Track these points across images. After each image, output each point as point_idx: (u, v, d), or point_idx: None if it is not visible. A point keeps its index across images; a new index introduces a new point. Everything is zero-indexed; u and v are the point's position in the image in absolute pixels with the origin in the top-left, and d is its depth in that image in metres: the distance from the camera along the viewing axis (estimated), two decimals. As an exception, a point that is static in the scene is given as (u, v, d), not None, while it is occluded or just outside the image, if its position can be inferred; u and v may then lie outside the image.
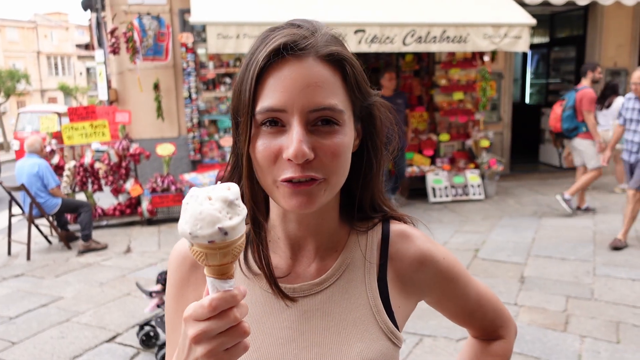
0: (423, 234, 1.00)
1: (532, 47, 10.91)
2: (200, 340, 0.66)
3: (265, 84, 0.80)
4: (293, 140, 0.77)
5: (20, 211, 6.66)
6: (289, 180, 0.79)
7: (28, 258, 6.23)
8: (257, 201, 0.89)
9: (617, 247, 5.76)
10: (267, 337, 0.89)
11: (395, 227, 0.99)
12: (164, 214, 7.51)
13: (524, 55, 12.34)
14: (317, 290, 0.91)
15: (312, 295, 0.91)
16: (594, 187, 9.08)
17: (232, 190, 0.68)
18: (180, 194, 7.44)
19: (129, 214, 7.56)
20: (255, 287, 0.92)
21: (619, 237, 5.84)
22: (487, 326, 1.11)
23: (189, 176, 7.86)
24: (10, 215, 6.58)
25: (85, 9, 11.52)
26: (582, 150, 7.12)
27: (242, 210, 0.68)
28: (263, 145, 0.81)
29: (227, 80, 8.38)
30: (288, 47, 0.79)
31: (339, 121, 0.81)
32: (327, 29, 0.86)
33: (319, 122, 0.80)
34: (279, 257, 0.94)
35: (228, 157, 0.87)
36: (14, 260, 6.31)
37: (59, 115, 12.36)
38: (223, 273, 0.68)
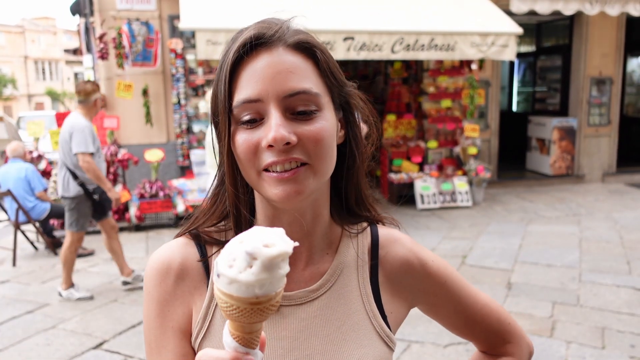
0: (409, 237, 0.99)
1: (519, 55, 11.06)
2: None
3: (239, 78, 0.79)
4: (271, 125, 0.76)
5: (5, 217, 6.60)
6: (272, 170, 0.78)
7: (14, 264, 6.16)
8: (240, 204, 0.86)
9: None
10: (265, 350, 0.82)
11: (383, 230, 0.97)
12: (152, 220, 7.47)
13: (511, 63, 12.46)
14: (314, 297, 0.88)
15: (308, 303, 0.88)
16: (578, 192, 9.19)
17: (268, 249, 0.61)
18: (169, 200, 7.42)
19: (117, 219, 7.51)
20: None
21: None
22: (493, 340, 1.05)
23: (177, 182, 7.84)
24: (-4, 221, 6.52)
25: (73, 13, 11.46)
26: None
27: (248, 274, 0.61)
28: (242, 139, 0.79)
29: (217, 86, 8.38)
30: (256, 38, 0.79)
31: (318, 106, 0.80)
32: (293, 22, 0.85)
33: (297, 112, 0.79)
34: None
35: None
36: (-1, 267, 6.24)
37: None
38: (250, 332, 0.63)
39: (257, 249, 0.60)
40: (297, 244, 0.64)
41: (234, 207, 0.86)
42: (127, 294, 5.09)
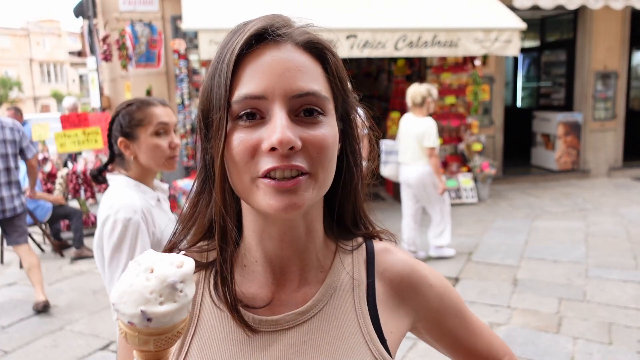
0: (404, 250, 0.95)
1: (523, 51, 11.01)
2: None
3: (242, 72, 0.72)
4: (276, 126, 0.69)
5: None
6: (271, 177, 0.70)
7: (21, 266, 6.19)
8: (228, 214, 0.77)
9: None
10: None
11: (379, 245, 0.91)
12: (157, 221, 7.49)
13: (515, 59, 12.42)
14: (303, 319, 0.80)
15: (297, 326, 0.80)
16: (584, 187, 9.15)
17: (184, 268, 0.59)
18: (174, 201, 7.43)
19: (123, 221, 7.52)
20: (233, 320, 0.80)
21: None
22: (495, 354, 0.98)
23: (182, 182, 7.85)
24: (3, 224, 6.54)
25: (77, 16, 11.50)
26: None
27: (183, 297, 0.58)
28: (239, 139, 0.72)
29: (220, 86, 8.40)
30: (267, 31, 0.73)
31: (324, 110, 0.74)
32: (302, 21, 0.80)
33: (303, 113, 0.73)
34: (257, 284, 0.82)
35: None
36: (7, 269, 6.27)
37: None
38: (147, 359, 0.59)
39: (175, 275, 0.58)
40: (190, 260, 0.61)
41: (221, 217, 0.77)
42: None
